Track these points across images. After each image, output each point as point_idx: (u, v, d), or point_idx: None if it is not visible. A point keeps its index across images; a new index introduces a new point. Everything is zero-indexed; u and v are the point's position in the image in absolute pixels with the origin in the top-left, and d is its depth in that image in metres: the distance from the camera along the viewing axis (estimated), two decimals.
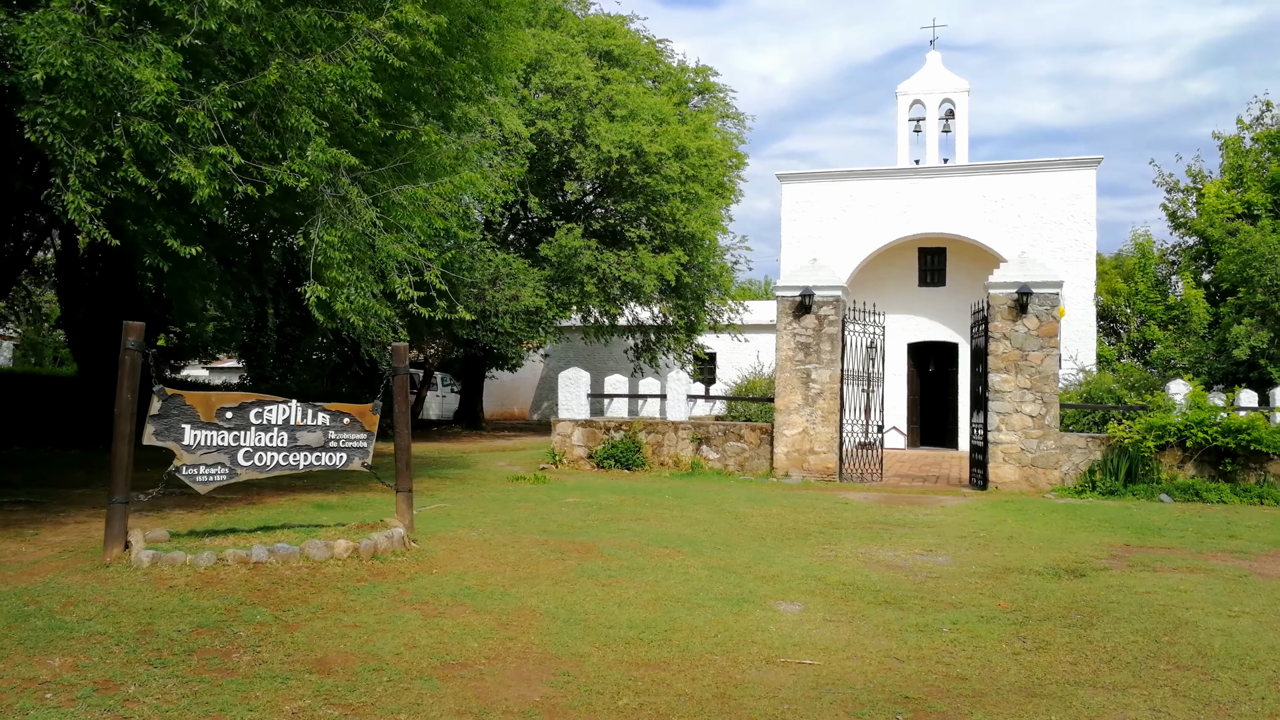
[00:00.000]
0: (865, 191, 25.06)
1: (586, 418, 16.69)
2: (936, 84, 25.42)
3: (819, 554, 8.67)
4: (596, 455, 16.17)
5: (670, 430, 16.15)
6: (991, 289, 14.55)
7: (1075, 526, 10.63)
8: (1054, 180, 23.66)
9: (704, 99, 30.89)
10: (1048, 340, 14.30)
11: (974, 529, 10.45)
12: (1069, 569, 8.18)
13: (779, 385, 15.54)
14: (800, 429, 15.38)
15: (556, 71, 24.99)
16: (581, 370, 16.94)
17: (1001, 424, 14.37)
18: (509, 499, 11.72)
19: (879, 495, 13.75)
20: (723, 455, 15.90)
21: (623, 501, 11.65)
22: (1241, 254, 19.71)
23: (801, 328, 15.50)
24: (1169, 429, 13.61)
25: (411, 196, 10.18)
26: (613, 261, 24.98)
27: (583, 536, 8.76)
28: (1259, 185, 22.68)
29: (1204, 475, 13.70)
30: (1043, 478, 14.21)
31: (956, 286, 25.52)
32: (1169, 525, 10.72)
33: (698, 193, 25.56)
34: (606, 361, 36.18)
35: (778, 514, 11.14)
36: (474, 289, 24.09)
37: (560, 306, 25.87)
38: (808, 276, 15.50)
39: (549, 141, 25.41)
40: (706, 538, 9.18)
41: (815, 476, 15.23)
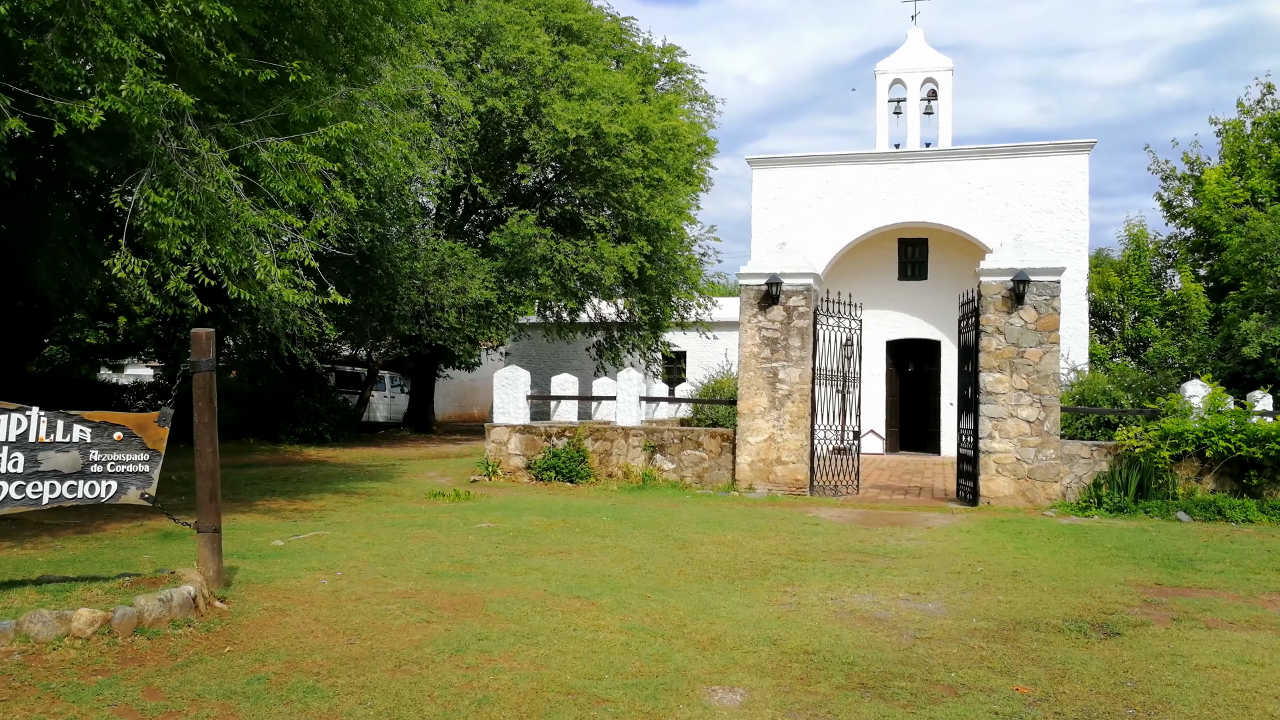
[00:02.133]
0: (842, 178, 23.26)
1: (525, 423, 14.75)
2: (918, 62, 23.65)
3: (778, 601, 6.80)
4: (536, 466, 14.23)
5: (620, 437, 14.25)
6: (983, 277, 12.74)
7: (1090, 557, 8.81)
8: (1044, 166, 21.94)
9: (671, 81, 29.01)
10: (1047, 335, 12.51)
11: (968, 560, 8.61)
12: (1096, 623, 6.34)
13: (742, 386, 13.68)
14: (766, 436, 13.51)
15: (508, 45, 23.03)
16: (520, 369, 14.99)
17: (994, 430, 12.56)
18: (412, 523, 9.77)
19: (855, 513, 11.91)
20: (679, 465, 14.01)
21: (548, 526, 9.72)
22: (1249, 243, 18.03)
23: (768, 321, 13.65)
24: (1186, 436, 11.85)
25: (280, 152, 8.20)
26: (570, 251, 23.04)
27: (474, 582, 6.82)
28: (1263, 172, 21.05)
29: (1225, 490, 11.95)
30: (1041, 492, 12.42)
31: (939, 280, 23.77)
32: (1200, 555, 8.92)
33: (662, 179, 23.66)
34: (570, 360, 34.25)
35: (734, 541, 9.25)
36: (416, 281, 22.10)
37: (513, 300, 23.89)
38: (775, 263, 13.65)
39: (500, 121, 23.44)
40: (637, 579, 7.27)
41: (783, 490, 13.37)
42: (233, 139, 8.51)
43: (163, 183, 7.60)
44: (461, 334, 23.15)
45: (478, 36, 23.47)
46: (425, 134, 18.36)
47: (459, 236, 25.71)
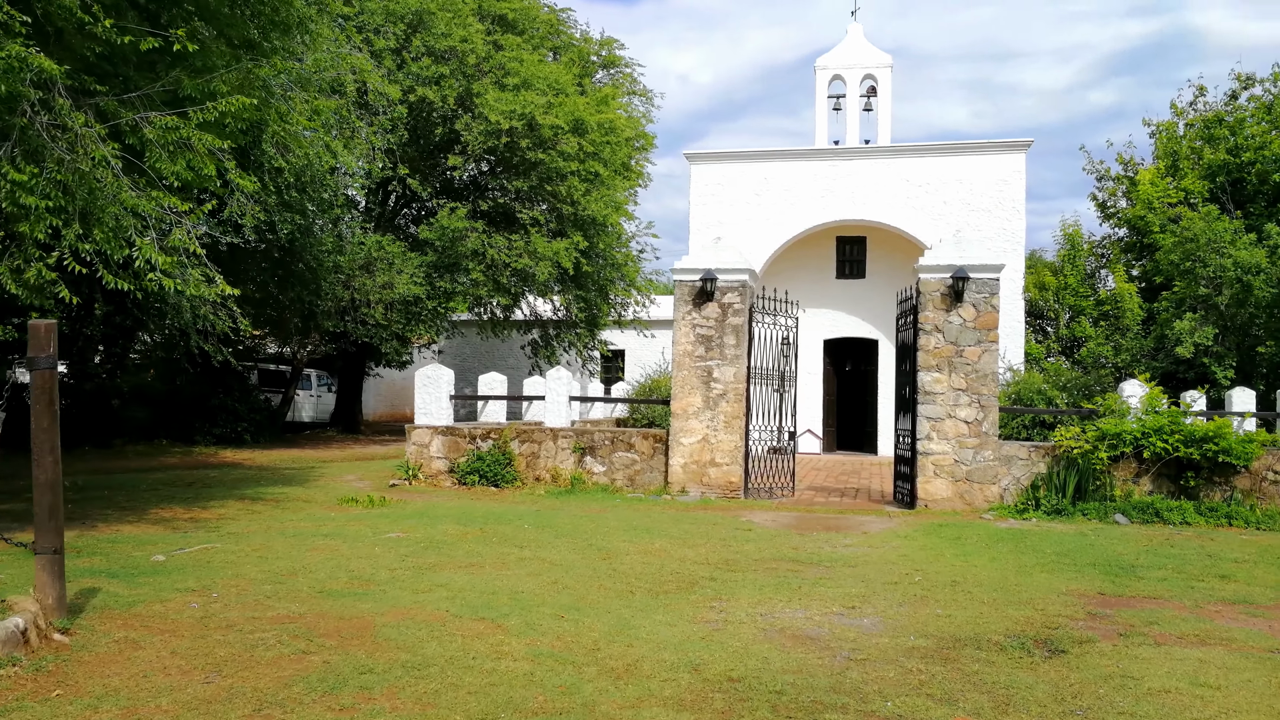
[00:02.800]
0: (780, 174, 22.92)
1: (448, 424, 14.07)
2: (858, 58, 23.41)
3: (704, 618, 6.28)
4: (459, 469, 13.57)
5: (548, 438, 13.64)
6: (922, 273, 12.41)
7: (1030, 564, 8.46)
8: (982, 164, 21.84)
9: (610, 74, 28.45)
10: (986, 333, 12.21)
11: (906, 568, 8.20)
12: (1040, 639, 5.94)
13: (675, 385, 13.18)
14: (700, 437, 13.03)
15: (440, 33, 22.26)
16: (442, 367, 14.30)
17: (932, 431, 12.24)
18: (316, 533, 9.07)
19: (790, 516, 11.48)
20: (610, 468, 13.46)
21: (464, 536, 9.10)
22: (1182, 243, 18.06)
23: (702, 318, 13.16)
24: (1124, 437, 11.63)
25: (164, 128, 7.45)
26: (502, 246, 22.36)
27: (369, 602, 6.19)
28: (1195, 173, 21.20)
29: (1163, 491, 11.77)
30: (979, 494, 12.12)
31: (877, 279, 23.58)
32: (1142, 562, 8.63)
33: (599, 172, 23.08)
34: (505, 359, 33.53)
35: (661, 550, 8.73)
36: (341, 275, 21.22)
37: (444, 297, 23.11)
38: (709, 258, 13.17)
39: (431, 111, 22.66)
40: (552, 596, 6.70)
41: (716, 492, 12.90)
42: (113, 114, 7.74)
43: (26, 159, 6.82)
44: (389, 331, 22.32)
45: (408, 23, 22.65)
46: (342, 117, 17.58)
47: (389, 230, 24.85)
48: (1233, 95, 23.05)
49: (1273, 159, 19.67)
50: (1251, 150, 20.27)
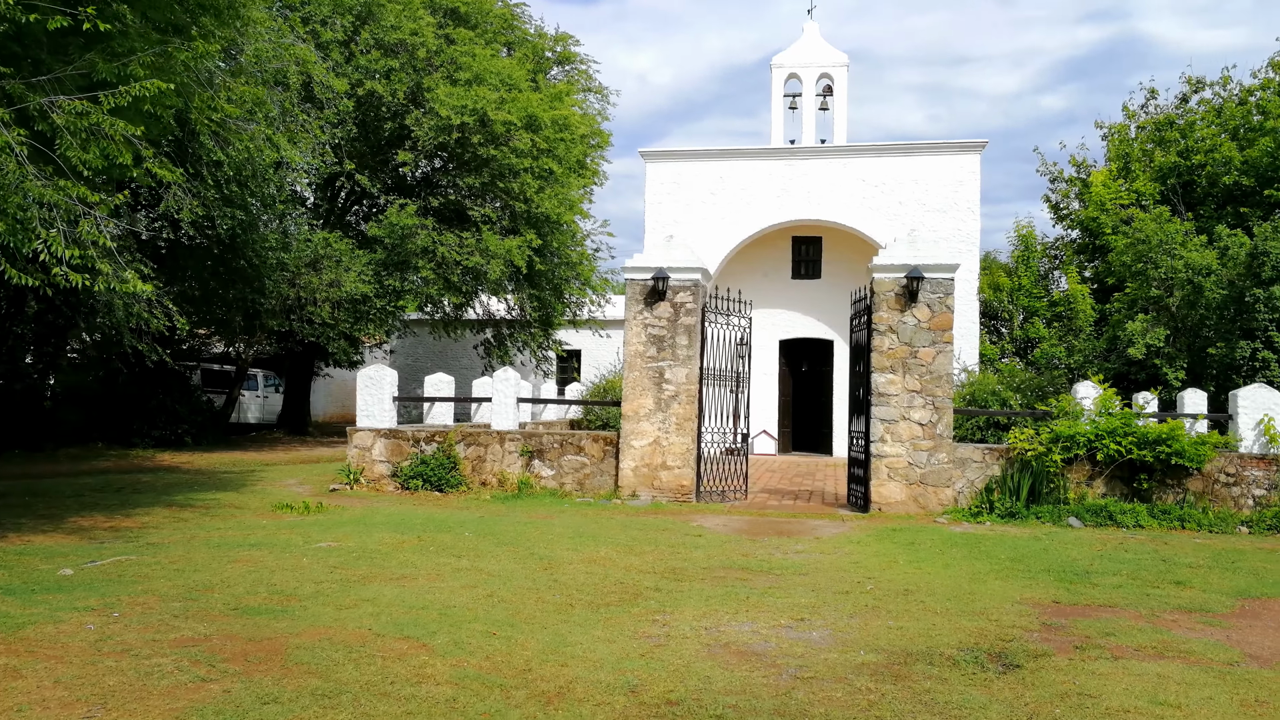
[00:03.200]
0: (737, 173, 22.70)
1: (391, 426, 13.61)
2: (814, 57, 23.26)
3: (645, 633, 5.97)
4: (402, 473, 13.12)
5: (495, 441, 13.24)
6: (876, 273, 12.20)
7: (983, 570, 8.26)
8: (937, 165, 21.79)
9: (564, 71, 28.04)
10: (941, 334, 12.04)
11: (858, 576, 7.95)
12: (994, 652, 5.70)
13: (626, 387, 12.85)
14: (651, 439, 12.72)
15: (389, 25, 21.72)
16: (385, 368, 13.84)
17: (886, 433, 12.03)
18: (243, 543, 8.61)
19: (741, 521, 11.20)
20: (558, 472, 13.09)
21: (400, 545, 8.69)
22: (1134, 245, 18.11)
23: (654, 318, 12.85)
24: (1078, 439, 11.51)
25: (74, 114, 6.97)
26: (453, 244, 21.86)
27: (287, 620, 5.78)
28: (1146, 175, 21.32)
29: (1116, 494, 11.67)
30: (933, 497, 11.94)
31: (832, 279, 23.45)
32: (1096, 567, 8.46)
33: (553, 170, 22.68)
34: (459, 359, 32.98)
35: (606, 559, 8.39)
36: (286, 273, 20.61)
37: (393, 295, 22.56)
38: (661, 257, 12.86)
39: (380, 105, 22.12)
40: (486, 610, 6.34)
41: (668, 496, 12.60)
42: (20, 97, 7.24)
43: None
44: (336, 330, 21.72)
45: (356, 15, 22.09)
46: (286, 110, 17.03)
47: (338, 228, 24.25)
48: (1183, 99, 23.27)
49: (1222, 162, 19.82)
50: (1202, 153, 20.42)
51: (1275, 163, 19.16)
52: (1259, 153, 19.30)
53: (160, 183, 16.33)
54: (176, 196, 15.87)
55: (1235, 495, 11.47)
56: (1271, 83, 21.14)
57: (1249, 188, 19.59)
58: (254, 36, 16.18)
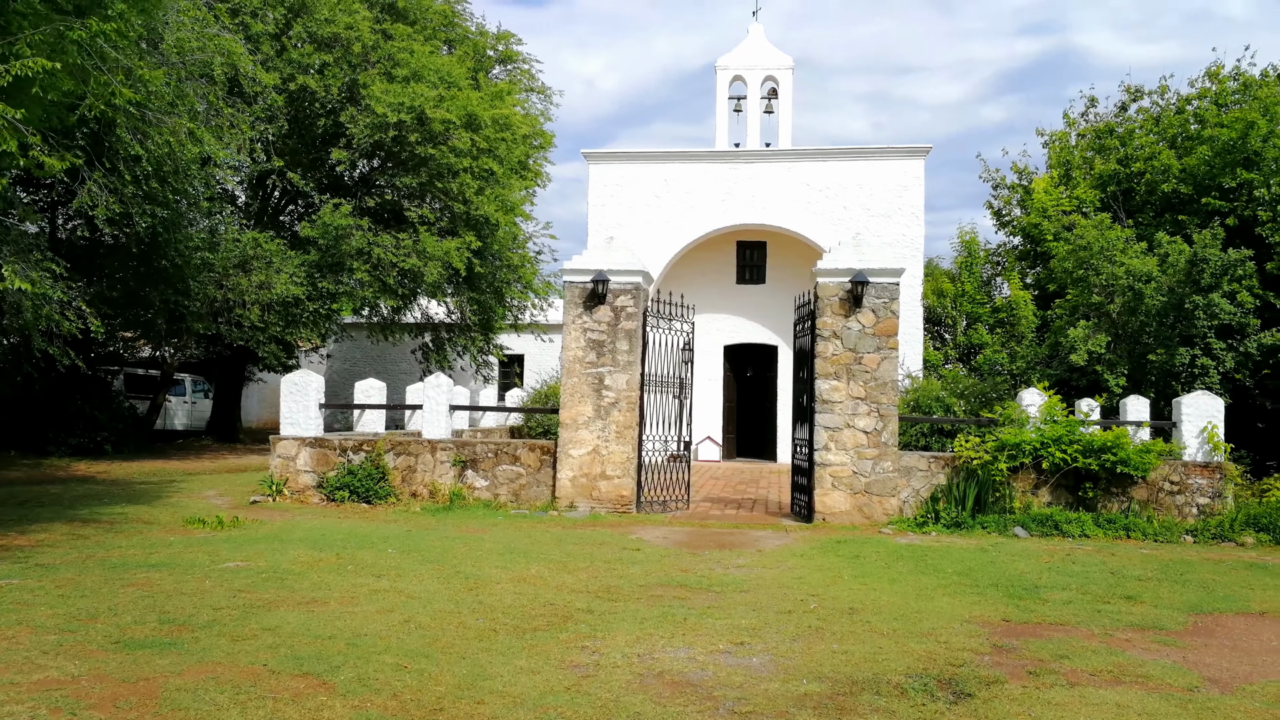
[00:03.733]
0: (681, 176, 22.38)
1: (317, 435, 12.96)
2: (759, 59, 23.04)
3: (573, 661, 5.51)
4: (328, 484, 12.49)
5: (426, 451, 12.67)
6: (820, 277, 11.90)
7: (930, 586, 7.94)
8: (881, 170, 21.69)
9: (507, 70, 27.47)
10: (886, 340, 11.77)
11: (801, 592, 7.58)
12: (944, 678, 5.34)
13: (565, 393, 12.38)
14: (590, 448, 12.26)
15: (322, 19, 20.99)
16: (310, 373, 13.19)
17: (830, 441, 11.72)
18: (143, 563, 7.96)
19: (683, 532, 10.80)
20: (493, 482, 12.57)
21: (316, 564, 8.12)
22: (1076, 251, 18.10)
23: (594, 322, 12.41)
24: (1024, 447, 11.31)
25: None
26: (390, 245, 21.18)
27: (171, 656, 5.22)
28: (1087, 182, 21.43)
29: (1062, 502, 11.49)
30: (878, 506, 11.66)
31: (777, 284, 23.24)
32: (1045, 581, 8.20)
33: (493, 170, 22.11)
34: (397, 364, 32.19)
35: (537, 577, 7.91)
36: (213, 274, 19.77)
37: (326, 298, 21.79)
38: (601, 259, 12.42)
39: (313, 101, 21.38)
40: (400, 639, 5.83)
41: (607, 507, 12.15)
42: None
43: None
44: (266, 334, 20.90)
45: (289, 7, 21.32)
46: (210, 103, 16.28)
47: (273, 228, 23.42)
48: (1122, 107, 23.47)
49: (1161, 169, 19.96)
50: (1141, 161, 20.56)
51: (1212, 171, 19.32)
52: (1196, 161, 19.45)
53: (76, 177, 15.48)
54: (91, 192, 15.05)
55: (1179, 504, 11.36)
56: (1208, 92, 21.39)
57: (1187, 195, 19.74)
58: (176, 25, 15.48)
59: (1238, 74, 21.55)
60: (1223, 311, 16.21)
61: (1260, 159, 18.59)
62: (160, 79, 10.68)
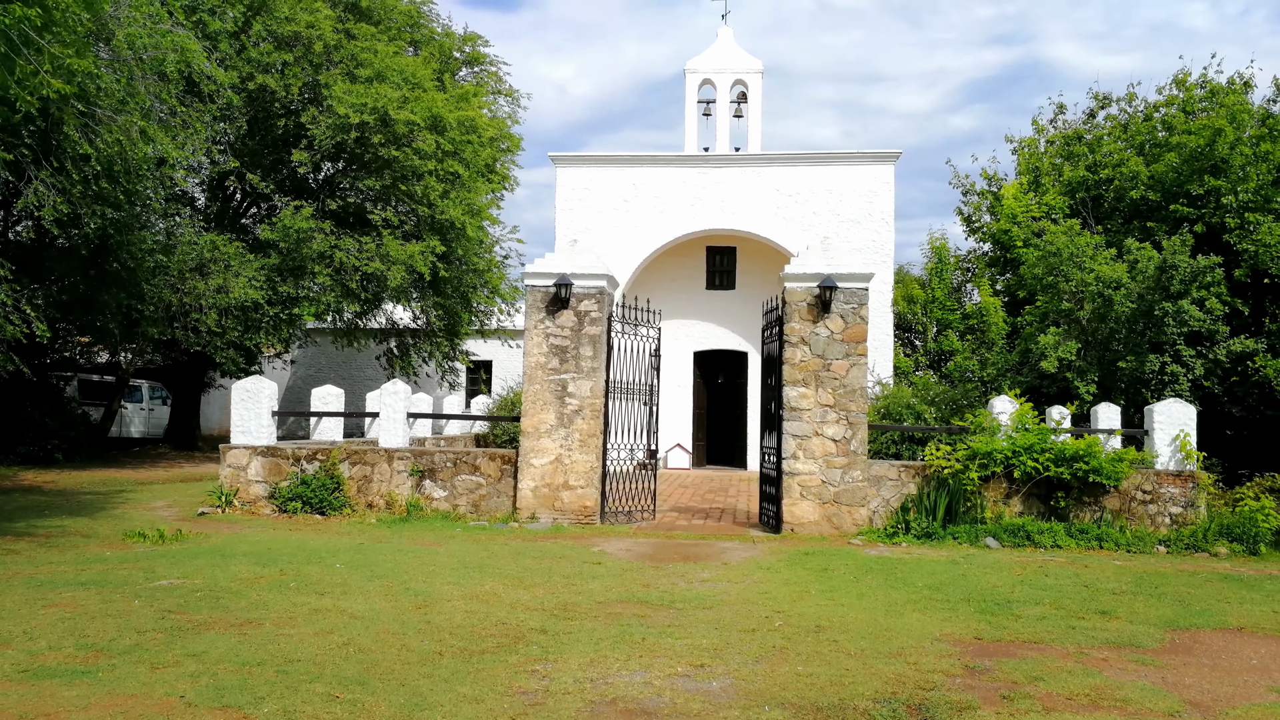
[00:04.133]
0: (650, 180, 22.09)
1: (269, 443, 12.51)
2: (728, 62, 22.81)
3: (520, 688, 5.16)
4: (280, 495, 12.04)
5: (382, 460, 12.25)
6: (788, 282, 11.63)
7: (900, 601, 7.66)
8: (851, 175, 21.52)
9: (473, 72, 27.08)
10: (855, 346, 11.51)
11: (766, 609, 7.27)
12: (914, 703, 5.05)
13: (526, 401, 12.02)
14: (552, 457, 11.90)
15: (283, 17, 20.52)
16: (264, 380, 12.74)
17: (799, 450, 11.44)
18: (70, 581, 7.51)
19: (647, 544, 10.47)
20: (452, 493, 12.17)
21: (256, 581, 7.71)
22: (1046, 257, 17.98)
23: (557, 327, 12.06)
24: (995, 456, 11.09)
25: None
26: (352, 248, 20.72)
27: (80, 687, 4.81)
28: (1056, 189, 21.36)
29: (1034, 512, 11.28)
30: (847, 517, 11.38)
31: (747, 290, 23.00)
32: (1018, 596, 7.94)
33: (458, 173, 21.71)
34: (364, 370, 31.62)
35: (490, 594, 7.55)
36: (169, 277, 19.23)
37: (287, 302, 21.28)
38: (564, 262, 12.09)
39: (273, 101, 20.89)
40: (336, 664, 5.45)
41: (570, 518, 11.79)
42: None
43: None
44: (224, 339, 20.34)
45: (248, 5, 20.83)
46: (162, 100, 15.79)
47: (233, 230, 22.87)
48: (1091, 114, 23.46)
49: (1129, 176, 19.92)
50: (1110, 167, 20.53)
51: (1180, 178, 19.29)
52: (1165, 168, 19.42)
53: (22, 176, 14.89)
54: (38, 192, 14.50)
55: (1152, 513, 11.18)
56: (1176, 100, 21.41)
57: (1155, 202, 19.70)
58: (127, 20, 14.99)
59: (1205, 82, 21.61)
60: (1192, 318, 16.13)
61: (1228, 166, 18.58)
62: (87, 66, 10.19)
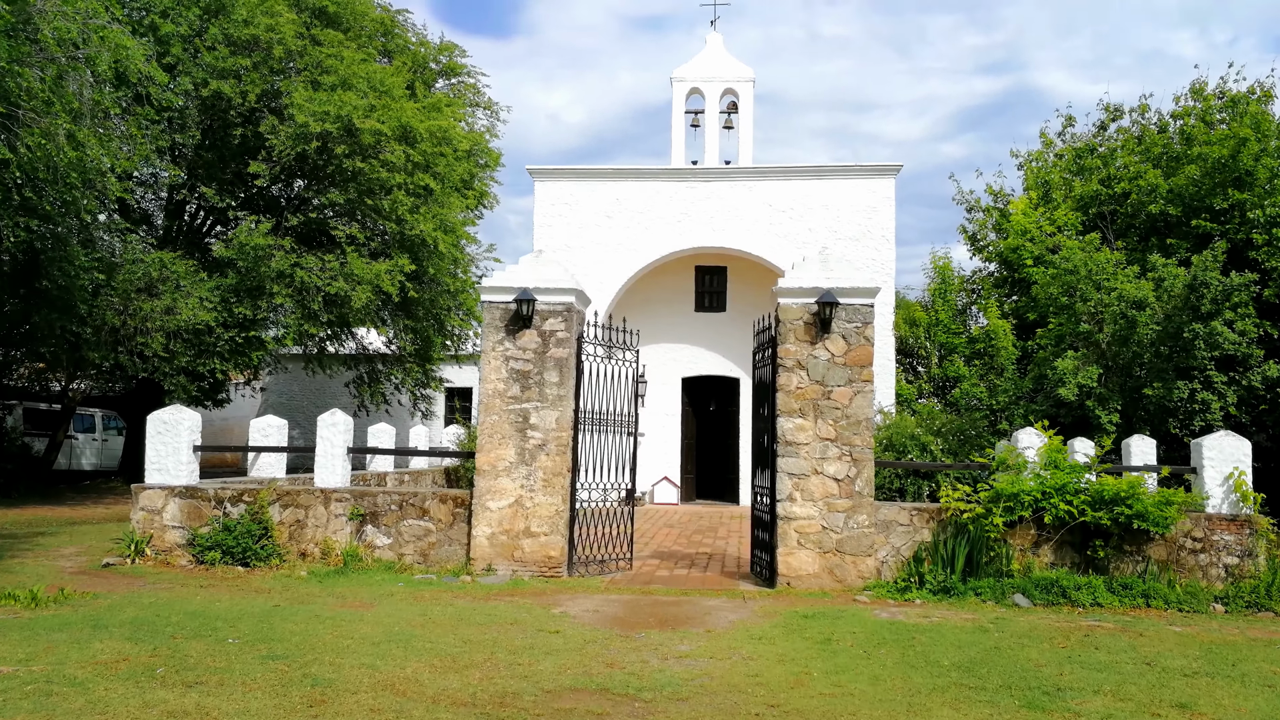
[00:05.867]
0: (634, 195, 20.70)
1: (189, 483, 10.94)
2: (718, 70, 21.49)
3: None
4: (200, 543, 10.46)
5: (318, 502, 10.69)
6: (782, 298, 10.16)
7: (925, 688, 6.12)
8: (850, 190, 20.15)
9: (450, 84, 25.73)
10: (859, 371, 10.03)
11: (757, 702, 5.74)
12: None
13: (482, 434, 10.50)
14: (511, 499, 10.35)
15: (240, 20, 19.14)
16: (183, 409, 11.18)
17: (795, 490, 9.92)
18: None
19: (619, 604, 8.92)
20: (397, 540, 10.61)
21: (116, 665, 6.13)
22: (1061, 275, 16.58)
23: (518, 349, 10.57)
24: (1023, 499, 9.58)
25: None
26: (314, 267, 19.22)
27: None
28: (1068, 204, 20.01)
29: (1066, 563, 9.75)
30: (852, 568, 9.85)
31: (738, 312, 21.58)
32: (1068, 678, 6.41)
33: (430, 187, 20.28)
34: (337, 398, 30.03)
35: (409, 682, 5.99)
36: (113, 298, 17.72)
37: (243, 325, 19.73)
38: (527, 275, 10.62)
39: (229, 109, 19.46)
40: None
41: (532, 570, 10.23)
42: None
43: None
44: (173, 365, 18.78)
45: (204, 8, 19.48)
46: (96, 103, 14.36)
47: (191, 248, 21.40)
48: (1101, 126, 22.21)
49: (1148, 190, 18.58)
50: (1126, 181, 19.19)
51: (1201, 192, 17.96)
52: (1185, 181, 18.10)
53: None
54: None
55: (1203, 564, 9.66)
56: (1192, 110, 20.14)
57: (1175, 217, 18.36)
58: (54, 14, 13.61)
59: (1223, 92, 20.36)
60: (1226, 341, 14.72)
61: (1253, 179, 17.25)
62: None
